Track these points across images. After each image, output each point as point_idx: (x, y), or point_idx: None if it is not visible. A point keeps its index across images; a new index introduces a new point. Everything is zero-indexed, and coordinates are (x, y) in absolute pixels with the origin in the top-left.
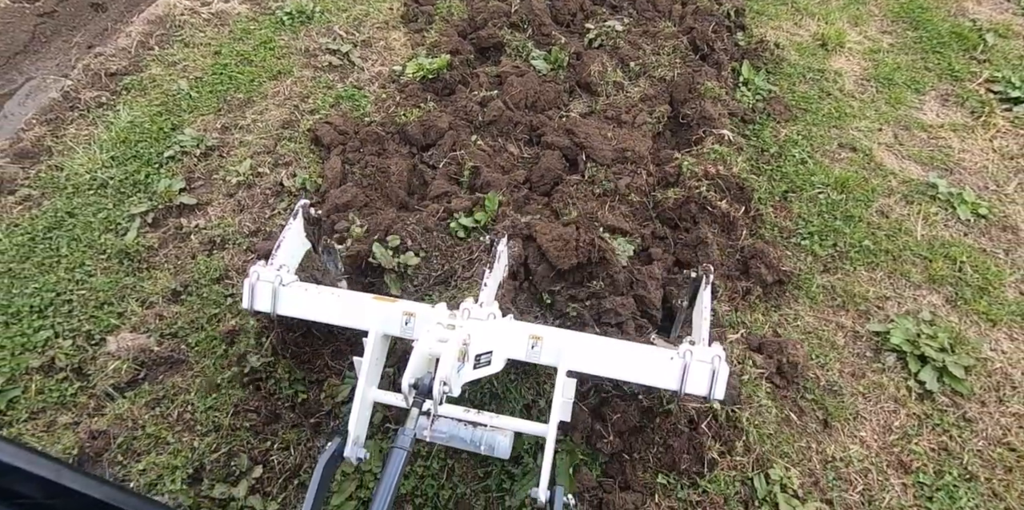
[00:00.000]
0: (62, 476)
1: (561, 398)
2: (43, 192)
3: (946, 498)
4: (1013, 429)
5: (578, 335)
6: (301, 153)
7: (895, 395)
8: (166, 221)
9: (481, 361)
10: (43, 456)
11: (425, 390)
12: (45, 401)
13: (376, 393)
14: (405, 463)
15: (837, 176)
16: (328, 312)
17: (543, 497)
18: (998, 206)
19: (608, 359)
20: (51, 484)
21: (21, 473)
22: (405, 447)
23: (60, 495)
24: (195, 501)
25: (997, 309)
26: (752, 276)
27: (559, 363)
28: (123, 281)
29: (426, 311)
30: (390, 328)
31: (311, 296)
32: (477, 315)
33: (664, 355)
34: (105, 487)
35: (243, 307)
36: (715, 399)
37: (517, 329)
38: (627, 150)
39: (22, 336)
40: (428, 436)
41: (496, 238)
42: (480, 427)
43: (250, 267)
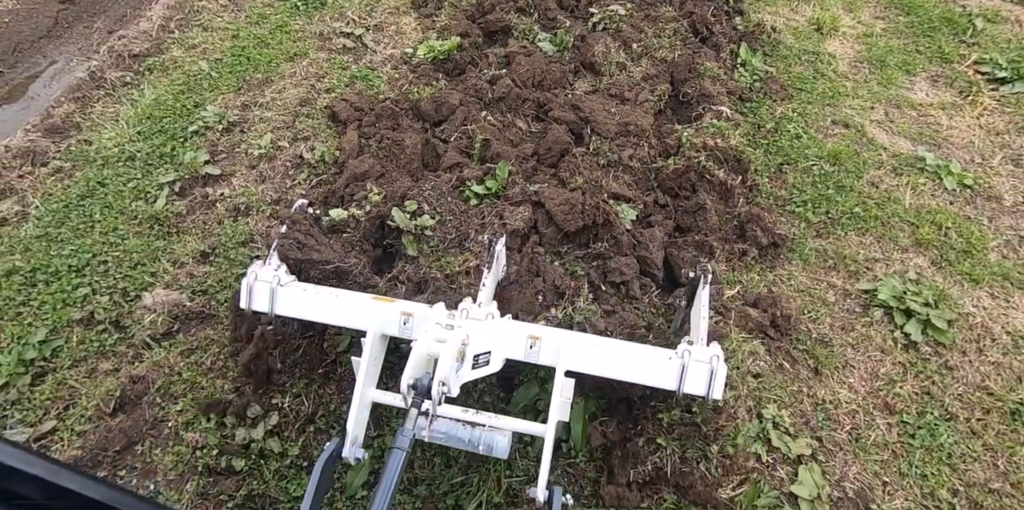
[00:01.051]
0: (61, 477)
1: (560, 398)
2: (74, 164)
3: (927, 435)
4: (992, 376)
5: (577, 335)
6: (319, 128)
7: (882, 346)
8: (192, 190)
9: (479, 361)
10: (42, 457)
11: (424, 390)
12: (86, 350)
13: (375, 393)
14: (404, 463)
15: (830, 150)
16: (326, 312)
17: (541, 497)
18: (983, 177)
19: (607, 359)
20: (50, 485)
21: (20, 474)
22: (404, 447)
23: (59, 496)
24: (220, 442)
25: (980, 270)
26: (748, 239)
27: (557, 363)
28: (154, 244)
29: (424, 311)
30: (388, 328)
31: (309, 296)
32: (475, 315)
33: (663, 355)
34: (105, 487)
35: (241, 306)
36: (713, 399)
37: (515, 329)
38: (630, 124)
39: (62, 292)
40: (427, 436)
41: (494, 238)
42: (479, 427)
43: (249, 267)
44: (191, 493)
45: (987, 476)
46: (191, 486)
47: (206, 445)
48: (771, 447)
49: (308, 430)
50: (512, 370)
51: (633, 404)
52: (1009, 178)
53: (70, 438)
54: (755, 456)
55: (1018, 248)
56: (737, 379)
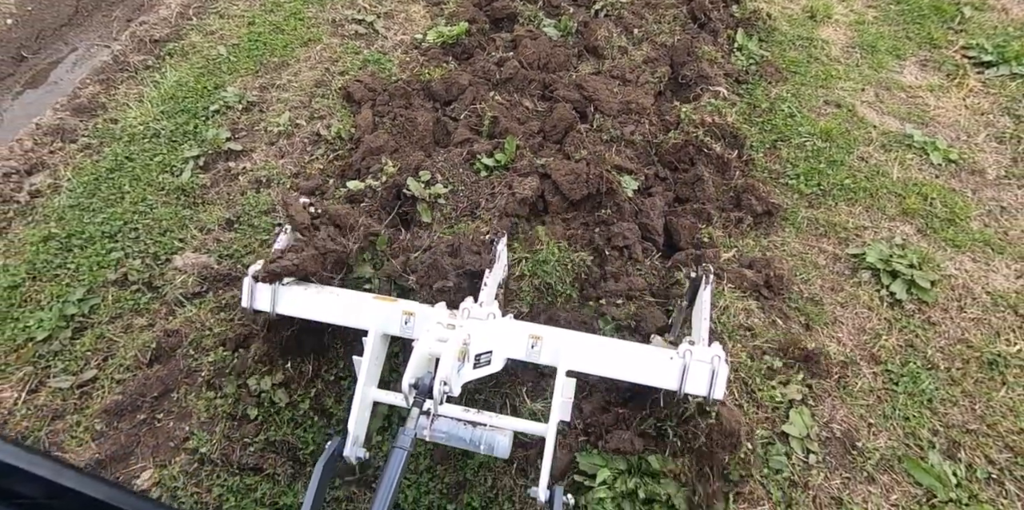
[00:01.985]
0: (62, 476)
1: (561, 398)
2: (102, 141)
3: (910, 382)
4: (971, 330)
5: (578, 335)
6: (334, 108)
7: (868, 304)
8: (216, 164)
9: (481, 361)
10: (43, 456)
11: (425, 390)
12: (122, 308)
13: (376, 393)
14: (406, 463)
15: (822, 127)
16: (328, 311)
17: (543, 496)
18: (968, 153)
19: (608, 359)
20: (51, 484)
21: (21, 473)
22: (405, 447)
23: (60, 495)
24: (237, 391)
25: (962, 237)
26: (744, 207)
27: (558, 363)
28: (182, 213)
29: (426, 310)
30: (390, 327)
31: (310, 295)
32: (477, 315)
33: (664, 355)
34: (105, 487)
35: (242, 306)
36: (714, 400)
37: (517, 329)
38: (631, 102)
39: (97, 256)
40: (428, 436)
41: (496, 237)
42: (480, 427)
43: (249, 267)
44: (219, 435)
45: (965, 419)
46: (219, 428)
47: (227, 394)
48: (765, 394)
49: (316, 385)
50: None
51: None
52: (992, 154)
53: (110, 385)
54: (753, 399)
55: (999, 217)
56: (732, 332)
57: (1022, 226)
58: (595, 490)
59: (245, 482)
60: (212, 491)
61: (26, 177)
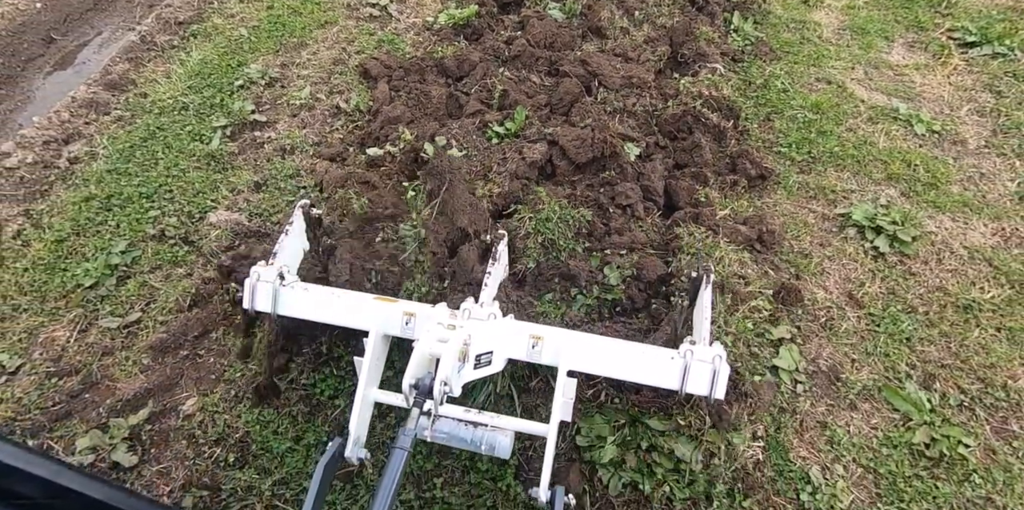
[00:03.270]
0: (62, 476)
1: (562, 398)
2: (133, 113)
3: (890, 324)
4: (948, 279)
5: (579, 335)
6: (352, 84)
7: (854, 256)
8: (242, 134)
9: (482, 361)
10: (43, 456)
11: (426, 390)
12: (161, 259)
13: (376, 393)
14: (406, 463)
15: (813, 101)
16: (329, 312)
17: (543, 497)
18: (950, 125)
19: (609, 359)
20: (51, 484)
21: (21, 473)
22: (406, 447)
23: (60, 495)
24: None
25: (943, 199)
26: (739, 171)
27: (559, 363)
28: (213, 176)
29: (426, 311)
30: (390, 328)
31: (311, 296)
32: (477, 315)
33: (665, 355)
34: (105, 487)
35: (244, 307)
36: (716, 399)
37: (517, 329)
38: (633, 77)
39: (136, 214)
40: (429, 436)
41: (496, 239)
42: (481, 427)
43: (251, 268)
44: (248, 372)
45: (941, 356)
46: (250, 366)
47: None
48: (757, 332)
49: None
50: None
51: None
52: (974, 126)
53: (154, 326)
54: (744, 340)
55: (979, 182)
56: (727, 278)
57: (999, 190)
58: (605, 449)
59: (264, 416)
60: (241, 417)
61: (64, 145)
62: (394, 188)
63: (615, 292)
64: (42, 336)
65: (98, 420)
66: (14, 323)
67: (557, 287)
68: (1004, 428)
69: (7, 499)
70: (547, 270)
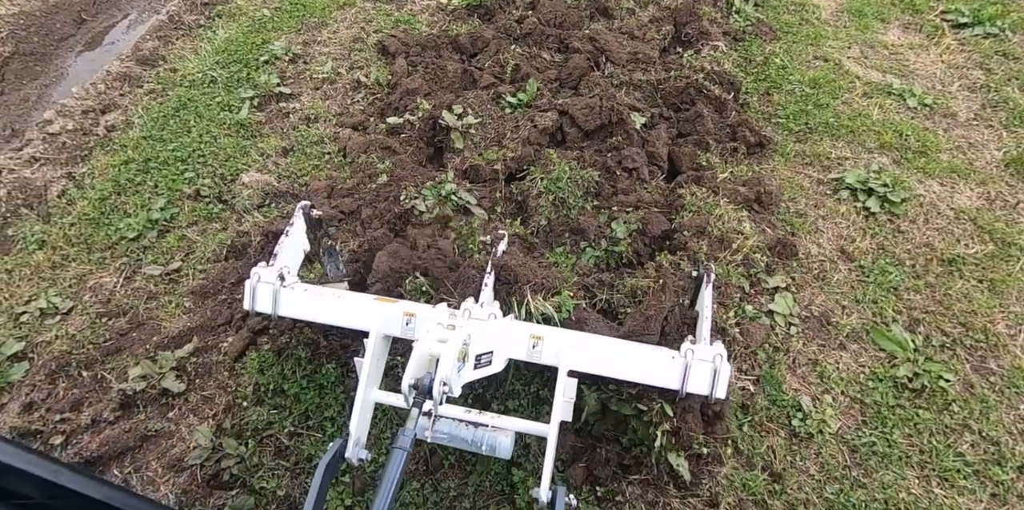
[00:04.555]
0: (61, 476)
1: (562, 398)
2: (165, 86)
3: (879, 275)
4: (935, 237)
5: (579, 335)
6: (371, 60)
7: (846, 216)
8: (268, 105)
9: (481, 361)
10: (42, 456)
11: (425, 390)
12: (198, 216)
13: (377, 394)
14: (406, 463)
15: (811, 77)
16: (329, 313)
17: (544, 497)
18: (942, 99)
19: (609, 359)
20: (50, 484)
21: (20, 473)
22: (405, 447)
23: (60, 495)
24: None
25: (933, 166)
26: (739, 139)
27: (560, 363)
28: (243, 143)
29: (426, 311)
30: (390, 328)
31: (312, 297)
32: (477, 315)
33: (666, 355)
34: (105, 487)
35: (245, 308)
36: (717, 399)
37: (517, 329)
38: (639, 53)
39: (172, 175)
40: (429, 437)
41: (496, 239)
42: (481, 427)
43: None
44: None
45: (926, 303)
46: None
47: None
48: (754, 281)
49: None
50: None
51: None
52: (964, 101)
53: (193, 274)
54: (740, 289)
55: (967, 151)
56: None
57: (986, 158)
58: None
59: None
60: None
61: (101, 115)
62: (413, 154)
63: (621, 245)
64: (91, 282)
65: (147, 354)
66: (64, 270)
67: (568, 241)
68: (983, 366)
69: (6, 499)
70: (558, 226)
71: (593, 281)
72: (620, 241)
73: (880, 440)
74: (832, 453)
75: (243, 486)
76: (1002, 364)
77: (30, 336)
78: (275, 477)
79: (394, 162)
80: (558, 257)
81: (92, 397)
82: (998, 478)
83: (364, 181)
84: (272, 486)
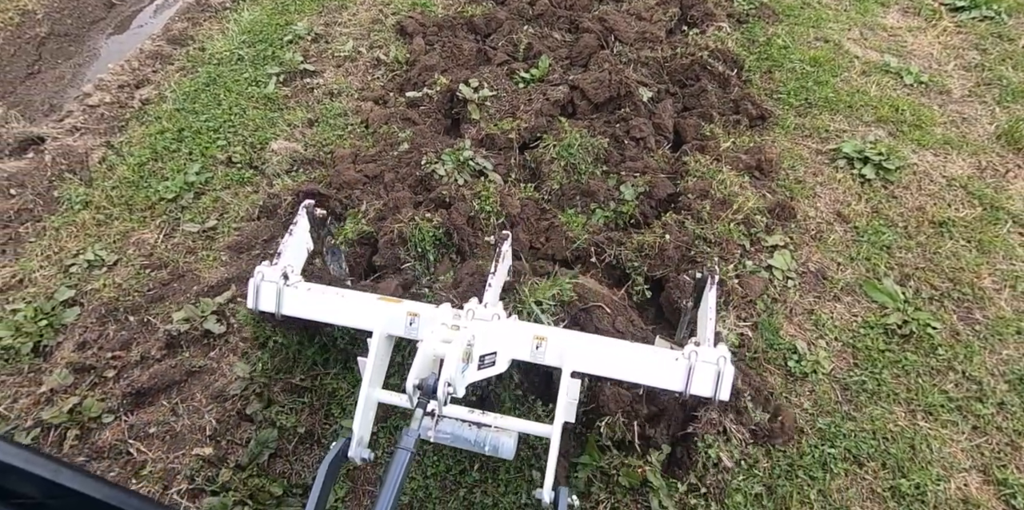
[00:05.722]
0: (61, 476)
1: (566, 399)
2: (194, 64)
3: (872, 234)
4: (927, 201)
5: (583, 336)
6: (390, 40)
7: (843, 182)
8: (294, 81)
9: (485, 362)
10: (43, 456)
11: (430, 391)
12: (230, 180)
13: (380, 394)
14: (409, 464)
15: (812, 56)
16: (333, 312)
17: (547, 498)
18: (937, 77)
19: (613, 360)
20: (50, 484)
21: (20, 473)
22: (409, 448)
23: (60, 495)
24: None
25: (927, 138)
26: (741, 112)
27: (563, 364)
28: (270, 115)
29: (430, 311)
30: (394, 328)
31: (315, 296)
32: (481, 316)
33: (669, 356)
34: (105, 487)
35: (248, 307)
36: (720, 400)
37: (521, 330)
38: (646, 33)
39: (205, 143)
40: (432, 437)
41: (500, 239)
42: (484, 428)
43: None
44: (317, 266)
45: (916, 261)
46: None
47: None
48: (754, 240)
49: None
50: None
51: None
52: (959, 79)
53: (228, 231)
54: (741, 246)
55: (960, 125)
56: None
57: (979, 132)
58: None
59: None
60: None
61: (135, 89)
62: (432, 124)
63: (629, 206)
64: (133, 237)
65: (188, 301)
66: (108, 228)
67: (579, 203)
68: (968, 316)
69: (6, 499)
70: (570, 190)
71: (603, 238)
72: (628, 202)
73: (870, 379)
74: (825, 390)
75: (266, 421)
76: (987, 315)
77: (79, 285)
78: (293, 413)
79: (414, 132)
80: (570, 217)
81: (140, 338)
82: (979, 413)
83: (386, 149)
84: (291, 422)
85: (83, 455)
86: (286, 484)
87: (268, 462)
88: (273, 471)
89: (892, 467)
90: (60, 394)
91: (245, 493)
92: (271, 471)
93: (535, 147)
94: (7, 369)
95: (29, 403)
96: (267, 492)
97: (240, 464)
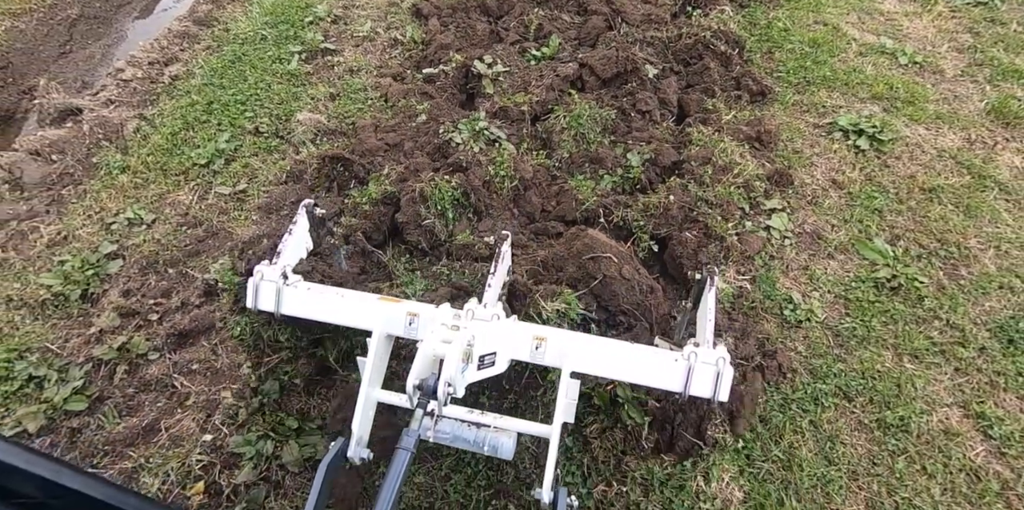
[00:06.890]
0: (61, 476)
1: (565, 399)
2: (220, 43)
3: (866, 199)
4: (919, 170)
5: (582, 336)
6: (406, 21)
7: (839, 152)
8: (315, 59)
9: (485, 362)
10: (43, 456)
11: (429, 391)
12: (258, 148)
13: (379, 393)
14: (409, 464)
15: (811, 38)
16: (332, 312)
17: (547, 498)
18: (931, 58)
19: (612, 361)
20: (51, 483)
21: (21, 473)
22: (409, 448)
23: (60, 495)
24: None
25: (920, 113)
26: (742, 88)
27: (563, 364)
28: (294, 89)
29: (430, 311)
30: (394, 328)
31: (315, 296)
32: (481, 316)
33: (669, 357)
34: (105, 487)
35: (248, 306)
36: (719, 401)
37: (521, 330)
38: (652, 14)
39: (234, 114)
40: (432, 437)
41: (500, 239)
42: (483, 428)
43: (255, 267)
44: (343, 226)
45: (907, 224)
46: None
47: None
48: (753, 204)
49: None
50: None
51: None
52: (952, 60)
53: (258, 194)
54: (741, 209)
55: (952, 102)
56: (728, 163)
57: (969, 108)
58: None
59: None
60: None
61: (165, 67)
62: (448, 98)
63: (635, 171)
64: (169, 199)
65: (223, 255)
66: (146, 190)
67: (588, 170)
68: (954, 273)
69: (7, 498)
70: (579, 158)
71: (610, 201)
72: (634, 169)
73: (860, 326)
74: (818, 336)
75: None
76: (972, 271)
77: (121, 240)
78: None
79: (431, 105)
80: (579, 182)
81: (179, 287)
82: (961, 356)
83: (405, 120)
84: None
85: (132, 387)
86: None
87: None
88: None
89: (879, 402)
90: (108, 334)
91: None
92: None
93: (546, 119)
94: (58, 314)
95: (80, 342)
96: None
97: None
